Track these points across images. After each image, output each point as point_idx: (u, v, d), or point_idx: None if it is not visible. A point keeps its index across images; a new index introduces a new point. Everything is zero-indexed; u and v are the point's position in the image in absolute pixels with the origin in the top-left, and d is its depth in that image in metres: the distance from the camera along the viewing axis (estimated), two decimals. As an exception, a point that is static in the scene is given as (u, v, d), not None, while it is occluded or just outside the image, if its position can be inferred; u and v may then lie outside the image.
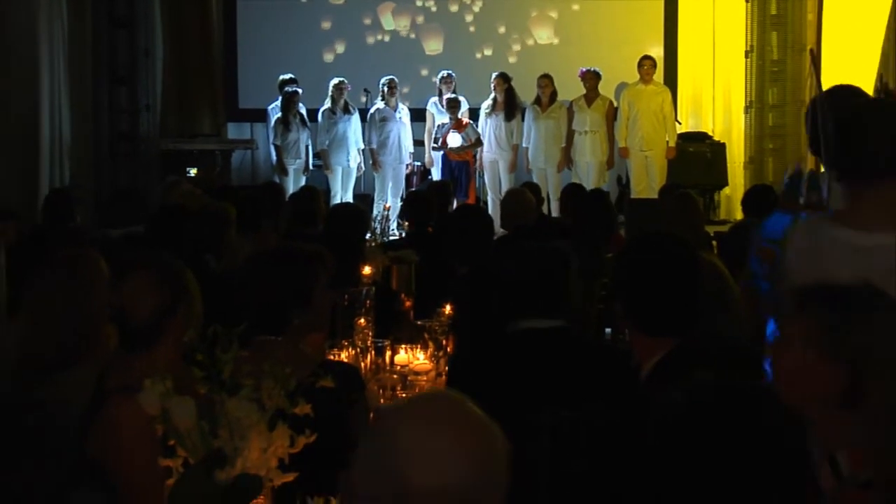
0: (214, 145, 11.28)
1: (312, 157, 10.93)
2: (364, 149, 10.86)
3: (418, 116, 11.06)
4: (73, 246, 3.80)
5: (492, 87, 10.68)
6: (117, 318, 2.69)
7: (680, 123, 11.19)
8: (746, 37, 11.27)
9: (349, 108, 10.79)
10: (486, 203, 10.50)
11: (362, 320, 3.74)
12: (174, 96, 11.73)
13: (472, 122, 10.70)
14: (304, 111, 10.80)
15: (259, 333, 2.81)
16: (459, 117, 10.58)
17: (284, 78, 10.98)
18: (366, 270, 4.44)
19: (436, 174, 10.73)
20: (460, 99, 10.67)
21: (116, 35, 11.17)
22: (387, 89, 10.73)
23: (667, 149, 10.52)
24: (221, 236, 5.24)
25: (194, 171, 10.71)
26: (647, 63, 10.60)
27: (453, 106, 10.53)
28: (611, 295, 4.41)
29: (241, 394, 2.02)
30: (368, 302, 3.80)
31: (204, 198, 6.28)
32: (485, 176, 10.82)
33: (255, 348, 2.69)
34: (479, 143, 10.63)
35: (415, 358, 3.65)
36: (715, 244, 5.76)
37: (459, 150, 10.54)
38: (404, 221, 7.46)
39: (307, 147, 10.80)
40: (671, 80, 11.70)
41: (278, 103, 10.80)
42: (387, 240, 7.55)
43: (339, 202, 9.97)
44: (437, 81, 11.03)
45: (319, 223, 6.19)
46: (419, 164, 11.09)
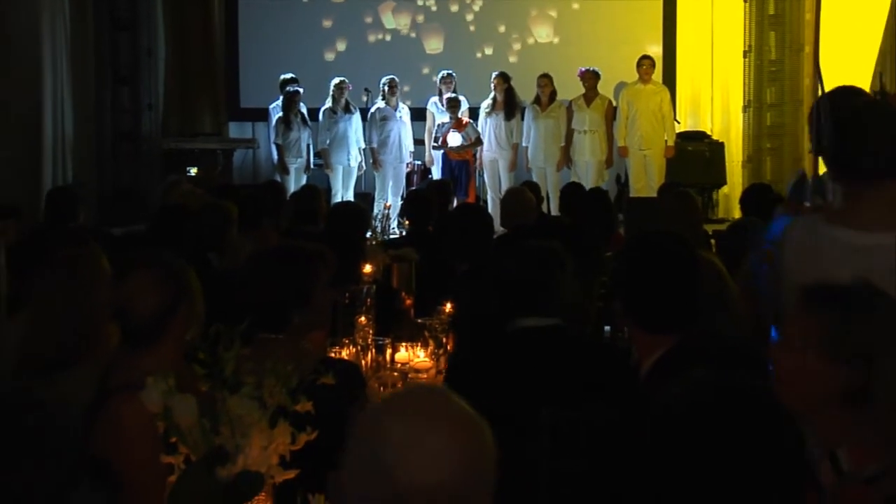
0: (216, 144, 11.27)
1: (313, 156, 10.93)
2: (365, 148, 10.86)
3: (419, 115, 11.07)
4: (74, 245, 3.80)
5: (492, 87, 10.68)
6: (119, 316, 2.69)
7: (679, 122, 11.19)
8: (745, 36, 11.26)
9: (350, 107, 10.79)
10: (485, 202, 10.51)
11: (363, 318, 3.76)
12: (176, 96, 11.73)
13: (472, 122, 10.70)
14: (305, 110, 10.80)
15: (260, 331, 2.81)
16: (459, 116, 10.58)
17: (285, 77, 10.99)
18: (366, 269, 4.45)
19: (436, 173, 10.73)
20: (460, 98, 10.67)
21: (119, 35, 11.17)
22: (387, 89, 10.73)
23: (665, 148, 10.54)
24: (223, 235, 5.24)
25: (194, 171, 10.71)
26: (646, 62, 10.62)
27: (453, 105, 10.54)
28: (610, 293, 4.41)
29: (242, 391, 2.03)
30: (369, 300, 3.81)
31: (205, 197, 6.27)
32: (485, 175, 10.82)
33: (256, 346, 2.68)
34: (479, 142, 10.63)
35: (415, 356, 3.67)
36: (713, 243, 5.76)
37: (459, 149, 10.54)
38: (405, 220, 7.45)
39: (308, 146, 10.81)
40: (670, 80, 11.71)
41: (279, 102, 10.81)
42: (387, 238, 7.54)
43: (339, 201, 9.97)
44: (438, 81, 11.04)
45: (320, 222, 6.20)
46: (419, 163, 11.09)
